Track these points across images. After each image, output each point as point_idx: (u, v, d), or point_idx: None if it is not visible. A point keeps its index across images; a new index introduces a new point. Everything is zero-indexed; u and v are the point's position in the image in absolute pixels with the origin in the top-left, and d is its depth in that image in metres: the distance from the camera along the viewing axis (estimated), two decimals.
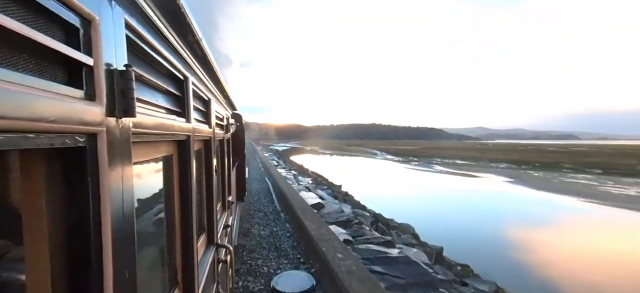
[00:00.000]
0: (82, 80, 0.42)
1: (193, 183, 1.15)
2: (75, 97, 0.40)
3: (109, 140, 0.47)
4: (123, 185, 0.52)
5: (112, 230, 0.47)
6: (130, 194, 0.55)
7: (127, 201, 0.54)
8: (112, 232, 0.47)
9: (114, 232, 0.48)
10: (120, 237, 0.51)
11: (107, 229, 0.46)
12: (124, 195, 0.53)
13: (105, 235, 0.46)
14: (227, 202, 2.78)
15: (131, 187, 0.56)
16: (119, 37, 0.53)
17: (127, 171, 0.54)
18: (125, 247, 0.53)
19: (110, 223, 0.47)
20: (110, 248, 0.47)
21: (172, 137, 0.98)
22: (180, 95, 1.02)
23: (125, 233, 0.53)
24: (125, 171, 0.53)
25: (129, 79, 0.51)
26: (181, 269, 1.10)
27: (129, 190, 0.55)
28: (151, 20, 0.70)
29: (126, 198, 0.53)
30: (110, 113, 0.48)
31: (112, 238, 0.47)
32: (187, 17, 0.84)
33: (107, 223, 0.46)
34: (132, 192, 0.56)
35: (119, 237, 0.50)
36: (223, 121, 2.42)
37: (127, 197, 0.54)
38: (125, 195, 0.53)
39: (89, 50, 0.43)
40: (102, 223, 0.45)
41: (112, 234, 0.47)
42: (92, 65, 0.44)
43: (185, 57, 1.06)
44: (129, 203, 0.55)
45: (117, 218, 0.49)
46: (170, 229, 1.04)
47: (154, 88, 0.81)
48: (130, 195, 0.55)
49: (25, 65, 0.34)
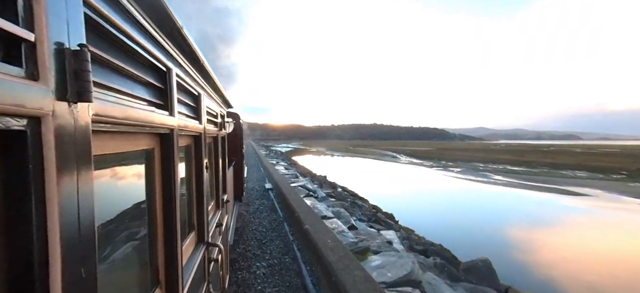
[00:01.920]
0: (20, 58, 0.38)
1: (177, 179, 1.11)
2: (12, 75, 0.36)
3: (57, 125, 0.43)
4: (79, 177, 0.47)
5: (61, 227, 0.43)
6: (88, 187, 0.50)
7: (84, 194, 0.49)
8: (61, 231, 0.43)
9: (64, 230, 0.43)
10: (74, 237, 0.46)
11: (54, 225, 0.42)
12: (80, 188, 0.48)
13: (52, 233, 0.41)
14: (222, 201, 2.76)
15: (90, 180, 0.51)
16: (73, 14, 0.48)
17: (84, 161, 0.49)
18: (81, 248, 0.48)
19: (58, 219, 0.42)
20: (58, 249, 0.42)
21: (152, 130, 0.94)
22: (162, 87, 1.00)
23: (82, 231, 0.48)
24: (82, 161, 0.49)
25: (83, 60, 0.46)
26: (164, 268, 1.07)
27: (86, 183, 0.49)
28: (119, 3, 0.67)
29: (83, 191, 0.48)
30: (60, 96, 0.43)
31: (61, 237, 0.43)
32: (166, 8, 0.83)
33: (54, 219, 0.42)
34: (90, 185, 0.51)
35: (72, 237, 0.45)
36: (216, 118, 2.41)
37: (84, 190, 0.49)
38: (82, 187, 0.48)
39: (30, 24, 0.39)
40: (49, 219, 0.41)
41: (61, 233, 0.43)
42: (33, 42, 0.39)
43: (167, 48, 1.04)
44: (87, 196, 0.50)
45: (68, 215, 0.45)
46: (151, 226, 1.00)
47: (127, 76, 0.76)
48: (89, 188, 0.50)
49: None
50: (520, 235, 10.69)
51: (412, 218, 11.39)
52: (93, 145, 0.52)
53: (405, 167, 35.40)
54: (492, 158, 44.84)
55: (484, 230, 11.08)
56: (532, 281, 7.02)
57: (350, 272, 3.33)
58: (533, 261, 8.30)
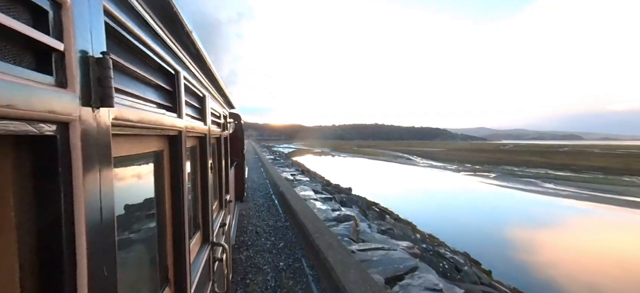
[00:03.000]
0: (51, 66, 0.40)
1: (185, 180, 1.13)
2: (44, 84, 0.38)
3: (83, 130, 0.44)
4: (101, 178, 0.50)
5: (86, 223, 0.45)
6: (109, 188, 0.52)
7: (106, 195, 0.51)
8: (87, 226, 0.45)
9: (89, 226, 0.46)
10: (97, 233, 0.48)
11: (81, 222, 0.44)
12: (102, 189, 0.50)
13: (79, 228, 0.44)
14: (225, 201, 2.78)
15: (111, 181, 0.53)
16: (96, 23, 0.50)
17: (105, 163, 0.51)
18: (103, 243, 0.50)
19: (84, 216, 0.44)
20: (84, 243, 0.44)
21: (162, 132, 0.96)
22: (171, 90, 1.01)
23: (104, 228, 0.51)
24: (104, 163, 0.51)
25: (106, 67, 0.48)
26: (173, 267, 1.08)
27: (107, 184, 0.52)
28: (135, 10, 0.69)
29: (104, 192, 0.51)
30: (85, 102, 0.45)
31: (86, 233, 0.45)
32: (174, 7, 0.84)
33: (81, 216, 0.44)
34: (111, 186, 0.53)
35: (95, 233, 0.48)
36: (220, 119, 2.43)
37: (106, 191, 0.51)
38: (103, 188, 0.50)
39: (59, 34, 0.41)
40: (76, 216, 0.43)
41: (86, 228, 0.45)
42: (62, 51, 0.41)
43: (176, 51, 1.05)
44: (108, 197, 0.52)
45: (92, 213, 0.47)
46: (161, 226, 1.02)
47: (141, 80, 0.79)
48: (110, 188, 0.53)
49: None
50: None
51: (481, 250, 8.57)
52: (112, 147, 0.54)
53: (429, 172, 31.10)
54: (520, 160, 40.43)
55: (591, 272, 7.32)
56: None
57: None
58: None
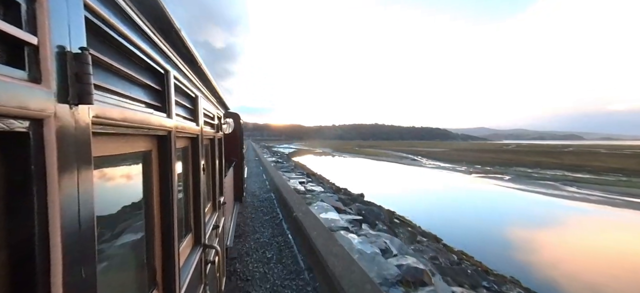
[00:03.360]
0: (23, 61, 0.39)
1: (175, 180, 1.11)
2: (15, 78, 0.37)
3: (59, 127, 0.43)
4: (79, 178, 0.48)
5: (62, 225, 0.44)
6: (88, 188, 0.51)
7: (84, 195, 0.49)
8: (62, 229, 0.44)
9: (65, 228, 0.44)
10: (74, 235, 0.47)
11: (55, 224, 0.42)
12: (80, 189, 0.48)
13: (54, 230, 0.42)
14: (218, 203, 2.73)
15: (90, 181, 0.51)
16: (74, 17, 0.48)
17: (84, 163, 0.50)
18: (81, 248, 0.49)
19: (59, 218, 0.43)
20: (59, 247, 0.43)
21: (150, 132, 0.94)
22: (160, 89, 1.00)
23: (82, 231, 0.49)
24: (83, 162, 0.49)
25: (84, 63, 0.47)
26: (161, 269, 1.07)
27: (86, 184, 0.50)
28: (117, 5, 0.67)
29: (83, 192, 0.49)
30: (61, 99, 0.44)
31: (61, 235, 0.43)
32: (160, 4, 0.83)
33: (56, 218, 0.43)
34: (90, 186, 0.51)
35: (72, 235, 0.46)
36: (213, 120, 2.41)
37: (84, 191, 0.50)
38: (82, 188, 0.49)
39: (33, 28, 0.39)
40: (50, 218, 0.42)
41: (62, 231, 0.43)
42: (36, 45, 0.40)
43: (165, 50, 1.04)
44: (87, 197, 0.50)
45: (69, 214, 0.45)
46: (149, 228, 1.00)
47: (126, 79, 0.77)
48: (89, 189, 0.51)
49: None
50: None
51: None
52: (93, 146, 0.53)
53: (439, 174, 29.57)
54: (530, 161, 38.86)
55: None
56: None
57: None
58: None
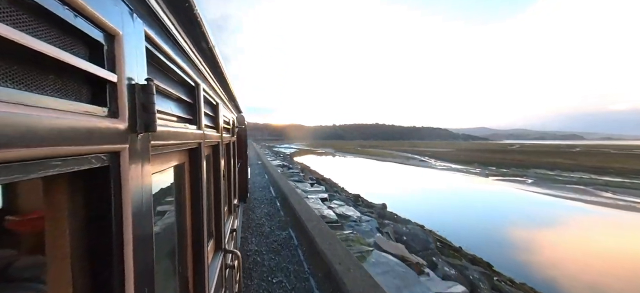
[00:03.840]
0: (106, 97, 0.41)
1: (204, 190, 1.14)
2: (99, 115, 0.39)
3: (130, 156, 0.46)
4: (143, 199, 0.52)
5: (133, 244, 0.47)
6: (149, 206, 0.55)
7: (146, 213, 0.54)
8: (134, 247, 0.47)
9: (136, 245, 0.47)
10: (141, 251, 0.50)
11: (128, 245, 0.45)
12: (144, 208, 0.52)
13: (127, 254, 0.45)
14: (233, 206, 2.76)
15: (150, 200, 0.56)
16: (140, 51, 0.51)
17: (146, 184, 0.53)
18: (145, 260, 0.53)
19: (131, 236, 0.46)
20: (131, 271, 0.46)
21: (186, 146, 0.98)
22: (192, 102, 1.02)
23: (146, 246, 0.53)
24: (145, 184, 0.53)
25: (149, 93, 0.50)
26: (192, 276, 1.10)
27: (148, 202, 0.55)
28: (169, 31, 0.70)
29: (145, 211, 0.53)
30: (131, 129, 0.46)
31: (133, 256, 0.47)
32: (202, 26, 0.86)
33: (129, 236, 0.46)
34: (150, 204, 0.56)
35: (140, 252, 0.50)
36: (229, 124, 2.43)
37: (146, 209, 0.54)
38: (145, 208, 0.53)
39: (112, 66, 0.42)
40: (124, 237, 0.45)
41: (133, 251, 0.47)
42: (115, 82, 0.42)
43: (198, 64, 1.06)
44: (148, 214, 0.55)
45: (138, 232, 0.49)
46: (181, 237, 1.04)
47: (169, 98, 0.81)
48: (149, 207, 0.55)
49: (53, 86, 0.33)
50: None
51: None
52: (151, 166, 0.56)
53: (453, 177, 27.31)
54: (546, 163, 36.51)
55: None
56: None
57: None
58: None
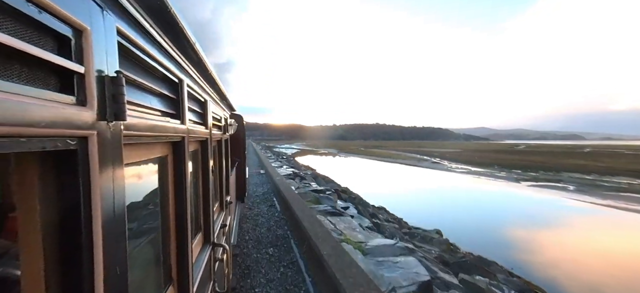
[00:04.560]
0: (73, 87, 0.44)
1: (188, 183, 1.16)
2: (67, 103, 0.42)
3: (99, 142, 0.49)
4: (114, 185, 0.55)
5: (103, 226, 0.49)
6: (121, 193, 0.57)
7: (118, 200, 0.56)
8: (103, 229, 0.50)
9: (105, 228, 0.50)
10: (111, 234, 0.53)
11: (97, 225, 0.48)
12: (115, 194, 0.55)
13: (96, 232, 0.48)
14: (225, 202, 2.87)
15: (122, 187, 0.58)
16: (110, 45, 0.54)
17: (118, 171, 0.56)
18: (116, 243, 0.55)
19: (100, 219, 0.49)
20: (100, 245, 0.49)
21: (167, 138, 0.99)
22: (175, 98, 1.04)
23: (116, 230, 0.55)
24: (117, 171, 0.56)
25: (119, 85, 0.53)
26: (176, 266, 1.12)
27: (120, 190, 0.57)
28: (144, 28, 0.73)
29: (117, 197, 0.56)
30: (101, 117, 0.50)
31: (103, 235, 0.49)
32: (179, 23, 0.87)
33: (98, 220, 0.48)
34: (123, 192, 0.58)
35: (110, 234, 0.52)
36: (220, 122, 2.48)
37: (118, 196, 0.56)
38: (117, 194, 0.56)
39: (80, 58, 0.45)
40: (93, 220, 0.48)
41: (103, 231, 0.49)
42: (83, 73, 0.45)
43: (180, 61, 1.08)
44: (120, 201, 0.57)
45: (107, 216, 0.52)
46: (165, 228, 1.06)
47: (148, 91, 0.83)
48: (121, 194, 0.58)
49: (18, 75, 0.36)
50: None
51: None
52: (123, 155, 0.59)
53: (478, 182, 24.45)
54: (575, 165, 33.40)
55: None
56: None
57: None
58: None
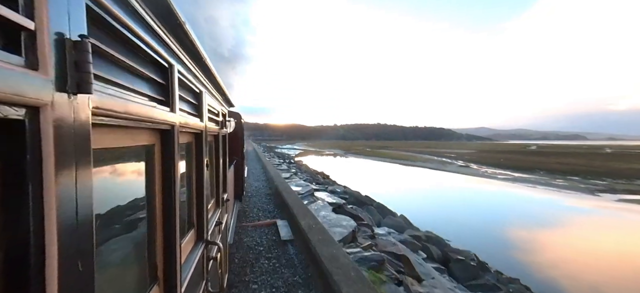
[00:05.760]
0: (20, 46, 0.38)
1: (177, 176, 1.10)
2: (11, 64, 0.36)
3: (57, 116, 0.42)
4: (77, 169, 0.47)
5: (58, 220, 0.42)
6: (86, 181, 0.50)
7: (83, 187, 0.48)
8: (59, 224, 0.42)
9: (61, 223, 0.43)
10: (71, 230, 0.45)
11: (51, 218, 0.41)
12: (79, 180, 0.47)
13: (49, 221, 0.41)
14: (222, 199, 2.73)
15: (89, 173, 0.50)
16: (75, 4, 0.47)
17: (83, 154, 0.49)
18: (77, 235, 0.47)
19: (55, 211, 0.42)
20: (54, 235, 0.41)
21: (153, 126, 0.93)
22: (164, 83, 0.99)
23: (80, 225, 0.48)
24: (81, 154, 0.48)
25: (84, 51, 0.46)
26: (162, 265, 1.07)
27: (85, 176, 0.49)
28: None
29: (81, 186, 0.48)
30: (59, 87, 0.43)
31: (58, 231, 0.42)
32: (170, 6, 0.82)
33: (52, 212, 0.41)
34: (89, 179, 0.50)
35: (69, 231, 0.45)
36: (218, 116, 2.38)
37: (83, 184, 0.48)
38: (80, 180, 0.48)
39: (30, 13, 0.38)
40: (45, 210, 0.40)
41: (58, 221, 0.42)
42: (33, 30, 0.39)
43: (169, 44, 1.03)
44: (85, 190, 0.49)
45: (66, 209, 0.44)
46: (151, 223, 1.00)
47: (129, 71, 0.76)
48: (87, 181, 0.50)
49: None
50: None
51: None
52: (92, 138, 0.52)
53: (547, 196, 19.98)
54: (629, 169, 29.06)
55: None
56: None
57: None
58: None
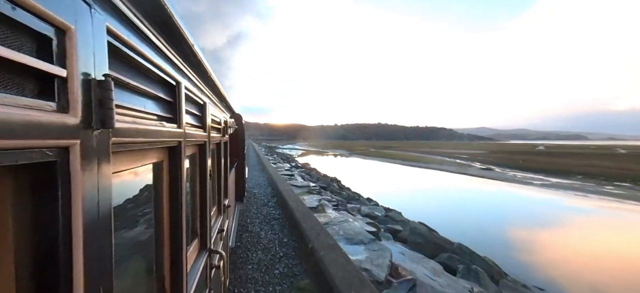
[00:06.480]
0: (54, 92, 0.40)
1: (184, 189, 1.12)
2: (46, 110, 0.38)
3: (83, 152, 0.45)
4: (99, 197, 0.50)
5: (84, 243, 0.45)
6: (107, 206, 0.53)
7: (104, 213, 0.52)
8: (84, 246, 0.45)
9: (87, 245, 0.46)
10: (94, 251, 0.49)
11: (78, 242, 0.44)
12: (101, 207, 0.51)
13: (76, 249, 0.44)
14: (223, 206, 2.73)
15: (109, 199, 0.54)
16: (99, 46, 0.50)
17: (105, 182, 0.52)
18: (100, 261, 0.51)
19: (82, 236, 0.45)
20: (81, 264, 0.45)
21: (162, 144, 0.95)
22: (172, 101, 1.01)
23: (101, 246, 0.51)
24: (103, 182, 0.51)
25: (107, 89, 0.48)
26: (170, 276, 1.09)
27: (106, 202, 0.53)
28: (137, 27, 0.68)
29: (102, 211, 0.51)
30: (85, 125, 0.45)
31: (84, 253, 0.45)
32: (178, 26, 0.83)
33: (79, 236, 0.44)
34: (110, 204, 0.54)
35: (93, 251, 0.48)
36: (220, 124, 2.40)
37: (104, 209, 0.52)
38: (102, 207, 0.51)
39: (62, 61, 0.41)
40: (74, 236, 0.44)
41: (84, 248, 0.45)
42: (65, 77, 0.41)
43: (178, 63, 1.05)
44: (106, 215, 0.53)
45: (91, 231, 0.48)
46: (159, 236, 1.02)
47: (142, 94, 0.78)
48: (108, 206, 0.54)
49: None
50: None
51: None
52: (111, 165, 0.54)
53: (607, 209, 16.56)
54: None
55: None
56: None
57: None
58: None
